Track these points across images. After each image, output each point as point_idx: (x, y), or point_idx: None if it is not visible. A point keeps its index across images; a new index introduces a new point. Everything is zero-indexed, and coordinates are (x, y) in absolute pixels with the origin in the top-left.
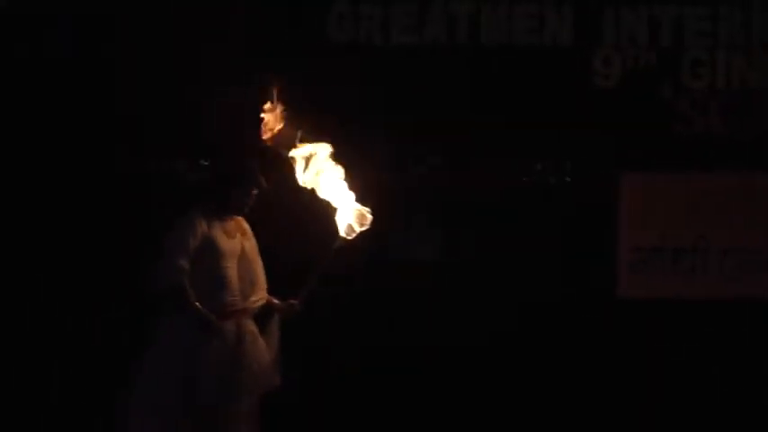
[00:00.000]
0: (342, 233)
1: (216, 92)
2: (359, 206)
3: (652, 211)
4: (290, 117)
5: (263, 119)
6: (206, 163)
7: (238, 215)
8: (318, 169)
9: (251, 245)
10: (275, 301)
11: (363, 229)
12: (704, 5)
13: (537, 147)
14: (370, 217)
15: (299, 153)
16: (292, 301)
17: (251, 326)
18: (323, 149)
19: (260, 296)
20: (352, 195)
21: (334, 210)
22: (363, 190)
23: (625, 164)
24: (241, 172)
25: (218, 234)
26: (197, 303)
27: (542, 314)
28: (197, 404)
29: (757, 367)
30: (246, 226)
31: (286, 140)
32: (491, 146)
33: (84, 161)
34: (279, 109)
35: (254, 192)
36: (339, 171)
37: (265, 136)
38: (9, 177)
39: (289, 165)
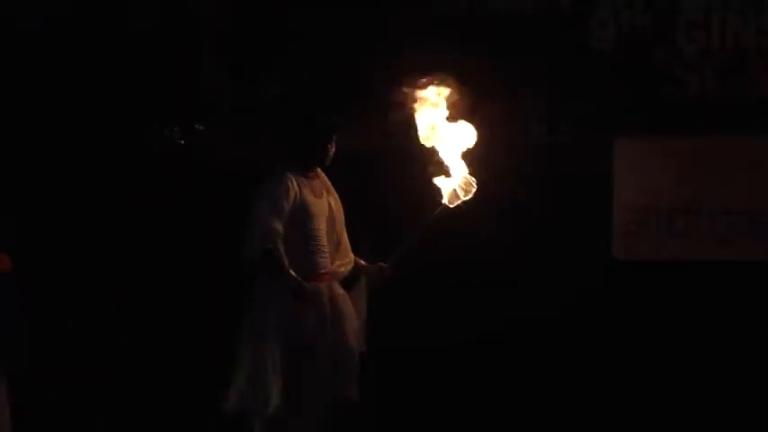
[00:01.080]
0: (445, 200)
1: None
2: (466, 174)
3: (646, 173)
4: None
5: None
6: (200, 127)
7: (322, 166)
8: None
9: (337, 204)
10: (362, 262)
11: (467, 198)
12: None
13: (532, 109)
14: (475, 186)
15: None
16: (382, 265)
17: (339, 289)
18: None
19: (346, 260)
20: (462, 162)
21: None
22: None
23: (620, 126)
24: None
25: (308, 194)
26: (291, 271)
27: (538, 275)
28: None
29: (753, 330)
30: (329, 183)
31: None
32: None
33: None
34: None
35: (335, 137)
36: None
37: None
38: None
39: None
